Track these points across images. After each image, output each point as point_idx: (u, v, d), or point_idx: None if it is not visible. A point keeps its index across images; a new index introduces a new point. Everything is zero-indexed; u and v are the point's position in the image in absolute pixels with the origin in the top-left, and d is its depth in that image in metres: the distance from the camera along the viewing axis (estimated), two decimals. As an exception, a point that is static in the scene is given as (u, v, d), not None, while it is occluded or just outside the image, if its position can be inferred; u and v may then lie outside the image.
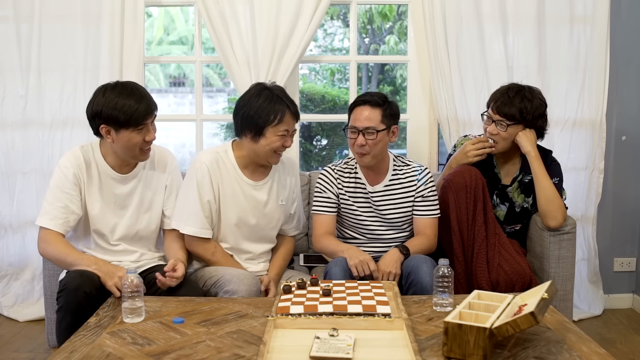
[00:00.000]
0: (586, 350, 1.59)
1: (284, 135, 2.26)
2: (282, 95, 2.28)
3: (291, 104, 2.28)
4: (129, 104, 2.08)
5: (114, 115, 2.08)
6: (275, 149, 2.28)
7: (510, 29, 3.06)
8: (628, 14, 3.17)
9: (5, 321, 3.13)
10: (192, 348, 1.61)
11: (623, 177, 3.29)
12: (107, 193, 2.22)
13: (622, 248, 3.35)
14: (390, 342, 1.63)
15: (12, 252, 3.17)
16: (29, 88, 3.05)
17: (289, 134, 2.29)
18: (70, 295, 1.94)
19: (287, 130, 2.27)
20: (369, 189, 2.45)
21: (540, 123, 2.47)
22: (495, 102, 2.47)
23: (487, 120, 2.51)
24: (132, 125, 2.10)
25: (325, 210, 2.46)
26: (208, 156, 2.32)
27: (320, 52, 7.04)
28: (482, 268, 2.32)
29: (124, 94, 2.10)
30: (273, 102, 2.24)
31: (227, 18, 2.99)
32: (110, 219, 2.23)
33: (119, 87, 2.13)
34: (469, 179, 2.38)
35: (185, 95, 9.23)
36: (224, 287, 2.14)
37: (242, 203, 2.34)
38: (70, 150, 2.22)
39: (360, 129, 2.33)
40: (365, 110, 2.34)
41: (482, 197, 2.39)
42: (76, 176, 2.16)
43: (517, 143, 2.48)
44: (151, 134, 2.17)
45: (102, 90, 2.13)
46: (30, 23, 3.01)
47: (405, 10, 4.41)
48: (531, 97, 2.45)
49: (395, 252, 2.29)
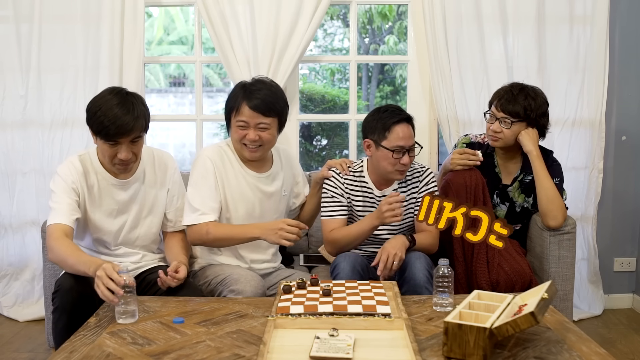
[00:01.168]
0: (586, 350, 1.59)
1: (242, 126, 2.22)
2: (252, 88, 2.24)
3: (254, 97, 2.20)
4: (110, 114, 2.00)
5: (92, 120, 2.04)
6: (239, 139, 2.25)
7: (510, 29, 3.06)
8: (628, 14, 3.17)
9: (5, 321, 3.13)
10: (192, 348, 1.61)
11: (623, 177, 3.29)
12: (108, 199, 2.20)
13: (622, 248, 3.35)
14: (390, 342, 1.63)
15: (12, 252, 3.17)
16: (29, 88, 3.05)
17: (250, 126, 2.22)
18: (65, 295, 1.93)
19: (245, 122, 2.22)
20: (377, 193, 2.43)
21: (542, 122, 2.48)
22: (499, 100, 2.47)
23: (490, 119, 2.51)
24: (102, 137, 2.04)
25: (338, 214, 2.41)
26: (211, 150, 2.32)
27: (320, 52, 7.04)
28: (482, 268, 2.33)
29: (108, 104, 2.03)
30: (238, 94, 2.25)
31: (227, 18, 2.99)
32: (111, 226, 2.22)
33: (118, 94, 2.07)
34: (469, 179, 2.39)
35: (185, 95, 9.24)
36: (230, 285, 2.14)
37: (248, 195, 2.33)
38: (69, 160, 2.18)
39: (407, 149, 2.31)
40: (409, 128, 2.31)
41: (482, 197, 2.39)
42: (75, 185, 2.12)
43: (519, 142, 2.48)
44: (123, 153, 2.06)
45: (107, 90, 2.11)
46: (30, 23, 3.01)
47: (405, 10, 4.41)
48: (534, 95, 2.45)
49: (401, 237, 2.29)
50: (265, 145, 2.27)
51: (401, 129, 2.29)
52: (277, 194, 2.39)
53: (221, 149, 2.33)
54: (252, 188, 2.33)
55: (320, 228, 2.91)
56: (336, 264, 2.26)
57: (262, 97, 2.22)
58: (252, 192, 2.33)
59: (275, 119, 2.26)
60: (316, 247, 2.91)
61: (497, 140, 2.48)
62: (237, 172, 2.32)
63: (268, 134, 2.24)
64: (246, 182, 2.33)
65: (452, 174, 2.44)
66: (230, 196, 2.31)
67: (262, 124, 2.22)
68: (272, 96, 2.25)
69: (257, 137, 2.23)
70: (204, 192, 2.26)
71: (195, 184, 2.28)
